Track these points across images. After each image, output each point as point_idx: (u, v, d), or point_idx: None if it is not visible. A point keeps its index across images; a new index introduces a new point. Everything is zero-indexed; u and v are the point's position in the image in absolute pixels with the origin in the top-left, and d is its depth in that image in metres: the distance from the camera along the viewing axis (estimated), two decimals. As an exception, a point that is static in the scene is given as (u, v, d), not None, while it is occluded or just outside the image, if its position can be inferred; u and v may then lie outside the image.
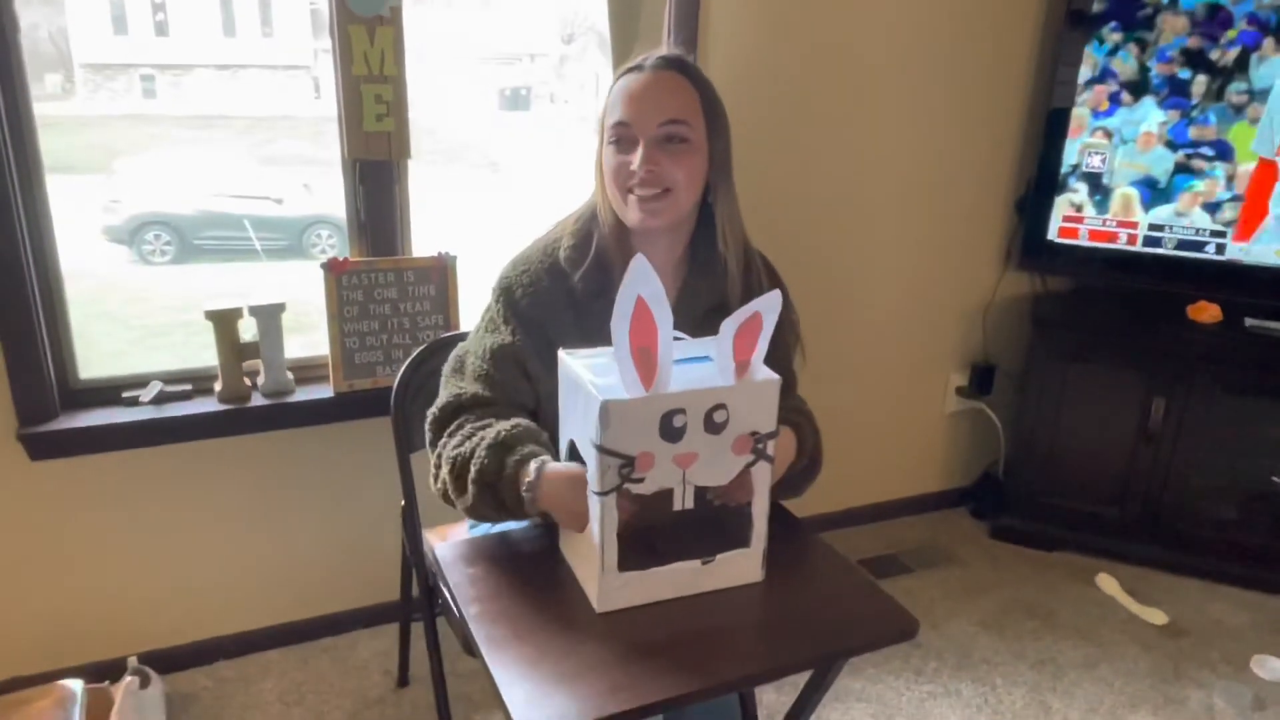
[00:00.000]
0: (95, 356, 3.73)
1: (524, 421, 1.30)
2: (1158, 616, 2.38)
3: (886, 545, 2.71)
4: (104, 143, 4.64)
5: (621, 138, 1.31)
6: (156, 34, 4.40)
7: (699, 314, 1.39)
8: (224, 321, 1.90)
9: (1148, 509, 2.55)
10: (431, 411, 1.37)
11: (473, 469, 1.24)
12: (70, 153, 4.63)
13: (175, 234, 4.32)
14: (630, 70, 1.33)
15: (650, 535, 1.24)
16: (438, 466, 1.32)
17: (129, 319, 4.02)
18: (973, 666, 2.19)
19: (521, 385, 1.36)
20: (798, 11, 2.22)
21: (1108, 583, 2.51)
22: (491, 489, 1.23)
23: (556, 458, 1.24)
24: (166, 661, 2.02)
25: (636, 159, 1.28)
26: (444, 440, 1.32)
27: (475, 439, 1.27)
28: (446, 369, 1.42)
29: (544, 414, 1.36)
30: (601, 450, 1.05)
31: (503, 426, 1.27)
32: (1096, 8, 2.39)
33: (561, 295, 1.35)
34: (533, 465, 1.20)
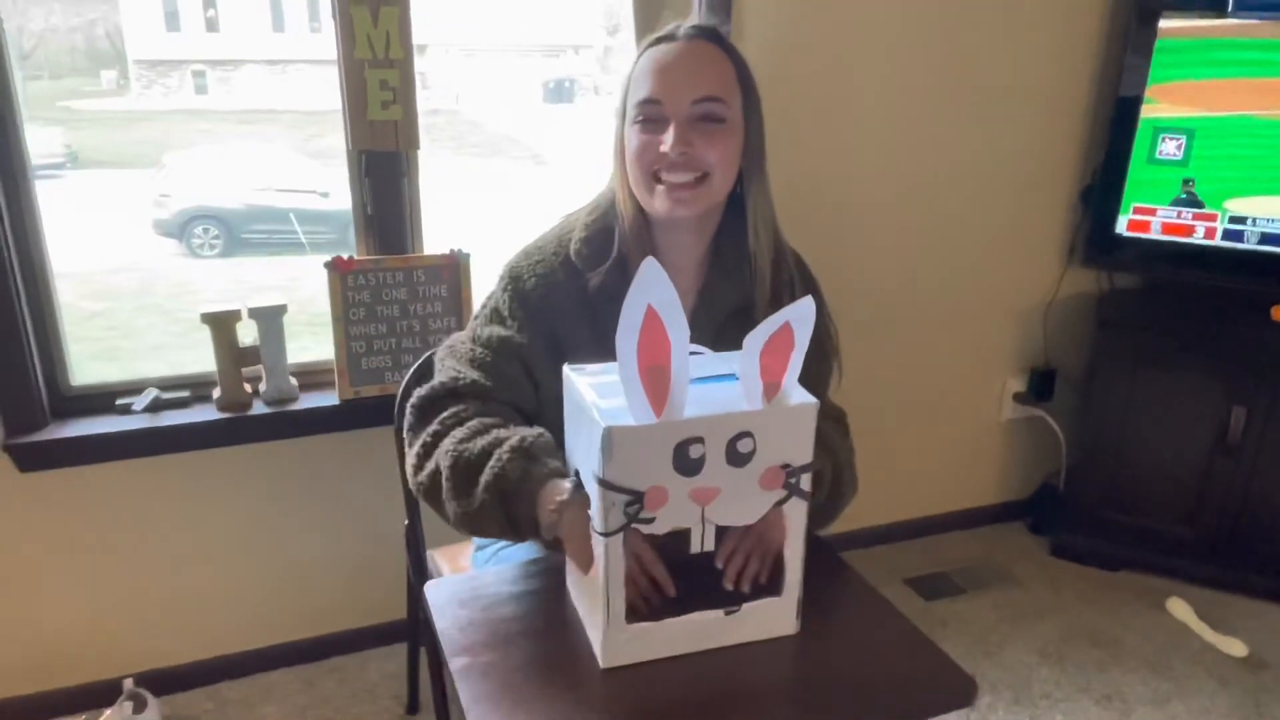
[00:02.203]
0: (142, 349, 3.71)
1: (547, 432, 1.13)
2: (1237, 647, 2.17)
3: (936, 563, 2.53)
4: (156, 138, 4.68)
5: (649, 116, 1.16)
6: (208, 30, 4.45)
7: (722, 318, 1.25)
8: (221, 324, 1.78)
9: (1225, 527, 2.34)
10: (420, 392, 1.20)
11: (488, 472, 1.06)
12: (123, 148, 4.67)
13: (223, 227, 4.37)
14: (659, 40, 1.18)
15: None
16: (425, 456, 1.15)
17: (175, 312, 4.02)
18: (1031, 701, 2.00)
19: (523, 384, 1.22)
20: (842, -13, 2.05)
21: (1180, 608, 2.30)
22: (506, 500, 1.06)
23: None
24: (165, 682, 1.91)
25: (668, 140, 1.14)
26: (435, 427, 1.15)
27: (489, 436, 1.10)
28: (441, 352, 1.27)
29: (545, 422, 1.19)
30: (604, 484, 0.90)
31: (527, 433, 1.10)
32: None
33: (575, 292, 1.21)
34: (568, 484, 1.03)
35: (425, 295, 1.88)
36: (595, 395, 0.94)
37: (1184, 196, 2.28)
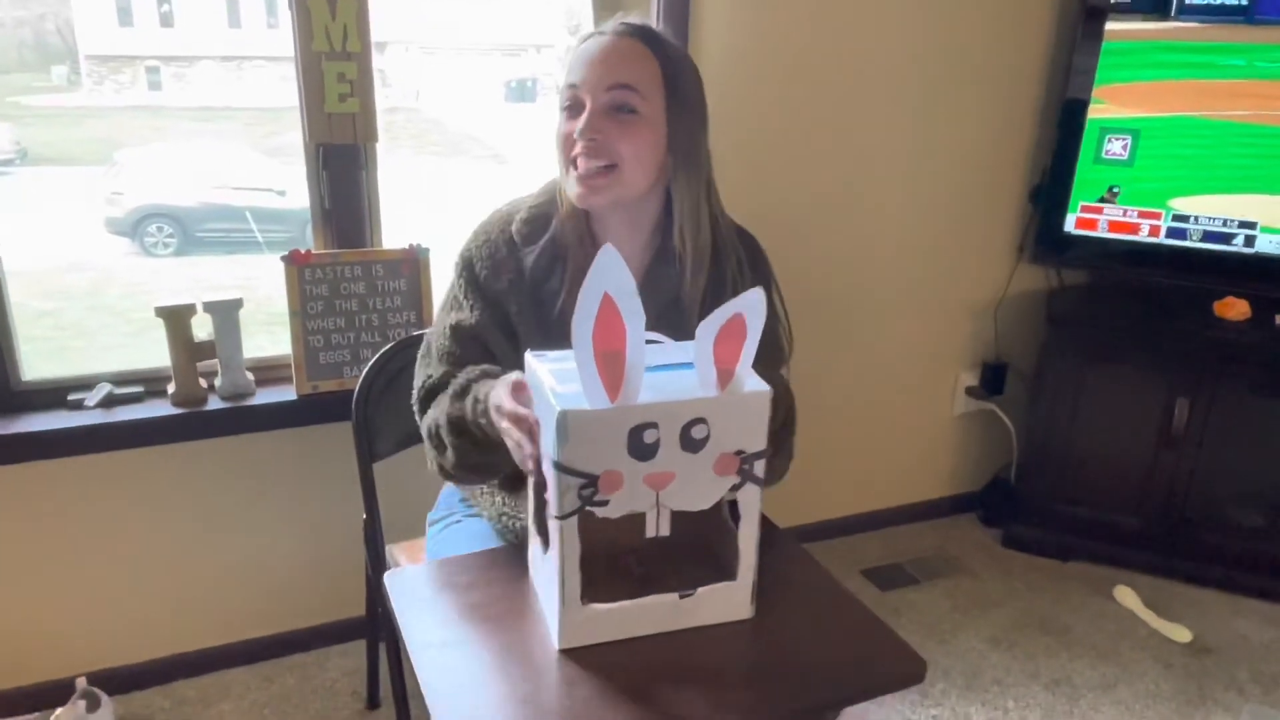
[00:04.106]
0: (94, 349, 3.64)
1: (480, 366, 1.20)
2: (1180, 633, 2.23)
3: (891, 554, 2.57)
4: (108, 135, 4.60)
5: (571, 102, 1.21)
6: (162, 25, 4.37)
7: (661, 305, 1.26)
8: (176, 318, 1.76)
9: (1169, 517, 2.41)
10: (414, 399, 1.31)
11: (445, 422, 1.17)
12: (74, 145, 4.58)
13: (177, 226, 4.29)
14: (592, 35, 1.23)
15: (621, 563, 1.11)
16: (431, 448, 1.25)
17: (129, 311, 3.95)
18: (983, 688, 2.04)
19: (486, 361, 1.26)
20: (799, -11, 2.08)
21: (1127, 596, 2.36)
22: (465, 431, 1.14)
23: None
24: (120, 681, 1.89)
25: (579, 124, 1.18)
26: (425, 424, 1.25)
27: (442, 400, 1.20)
28: (420, 352, 1.34)
29: None
30: (560, 468, 0.92)
31: (458, 379, 1.19)
32: None
33: (515, 269, 1.27)
34: (476, 392, 1.12)
35: (384, 289, 1.88)
36: (553, 380, 0.95)
37: (1104, 195, 2.36)
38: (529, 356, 1.03)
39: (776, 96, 2.14)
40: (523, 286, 1.25)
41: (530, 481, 1.06)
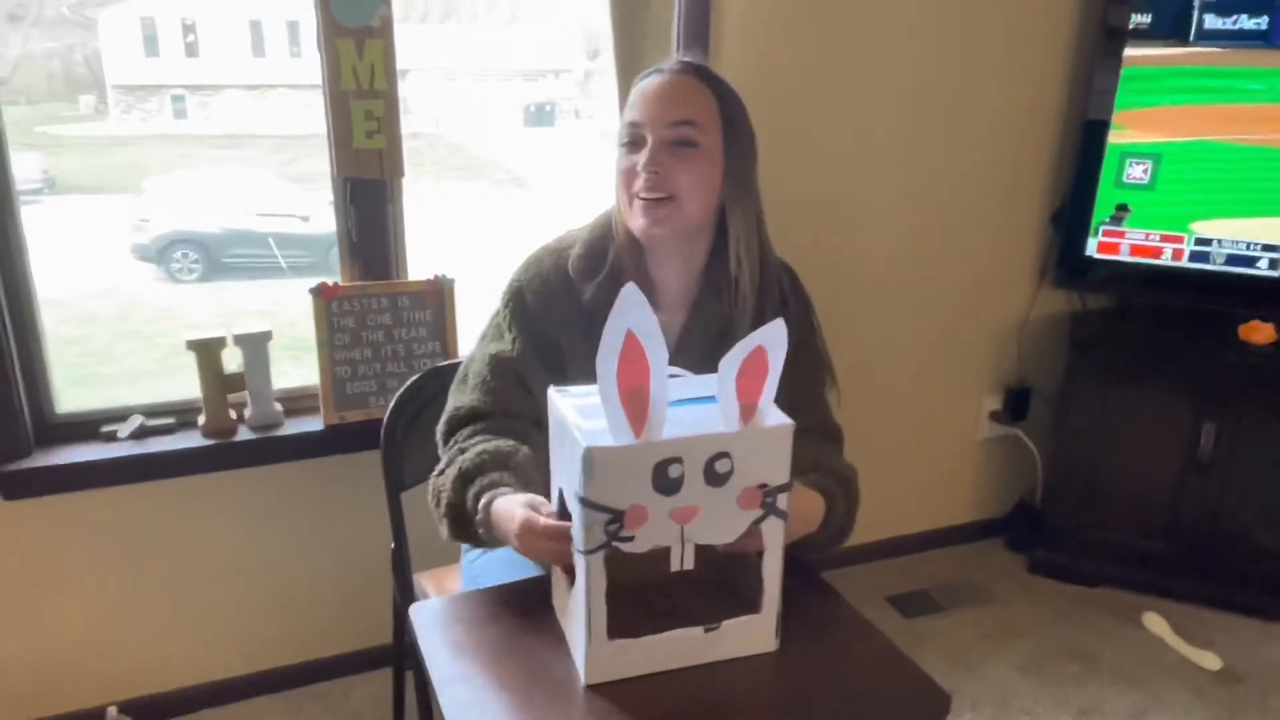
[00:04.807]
0: (121, 375, 3.69)
1: (491, 447, 1.22)
2: (1211, 660, 2.21)
3: (916, 581, 2.56)
4: (135, 163, 4.67)
5: (632, 138, 1.24)
6: (187, 55, 4.44)
7: (712, 335, 1.30)
8: (207, 351, 1.79)
9: (1198, 542, 2.38)
10: (438, 427, 1.33)
11: (443, 501, 1.22)
12: (102, 173, 4.66)
13: (203, 252, 4.35)
14: (651, 74, 1.27)
15: (646, 597, 1.12)
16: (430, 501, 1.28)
17: (155, 337, 4.01)
18: (1010, 716, 2.03)
19: (520, 397, 1.29)
20: (816, 17, 2.10)
21: (1155, 622, 2.34)
22: (460, 522, 1.20)
23: (536, 482, 1.17)
24: (149, 710, 1.91)
25: (641, 158, 1.22)
26: (440, 465, 1.28)
27: (451, 468, 1.22)
28: (456, 377, 1.37)
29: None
30: (585, 503, 0.93)
31: (469, 454, 1.21)
32: (1134, 23, 2.26)
33: (571, 303, 1.28)
34: (482, 501, 1.14)
35: (410, 320, 1.90)
36: (577, 416, 0.96)
37: (1108, 218, 2.36)
38: (552, 392, 1.04)
39: (793, 120, 2.16)
40: (578, 320, 1.26)
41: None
